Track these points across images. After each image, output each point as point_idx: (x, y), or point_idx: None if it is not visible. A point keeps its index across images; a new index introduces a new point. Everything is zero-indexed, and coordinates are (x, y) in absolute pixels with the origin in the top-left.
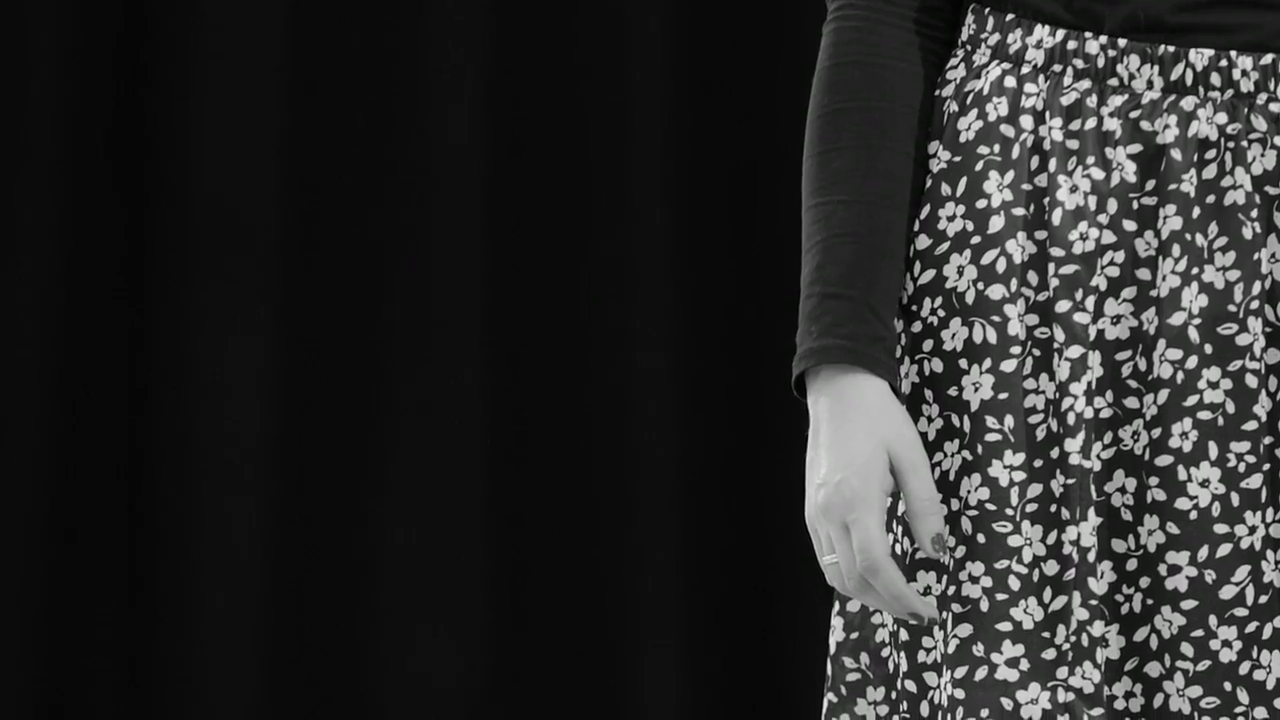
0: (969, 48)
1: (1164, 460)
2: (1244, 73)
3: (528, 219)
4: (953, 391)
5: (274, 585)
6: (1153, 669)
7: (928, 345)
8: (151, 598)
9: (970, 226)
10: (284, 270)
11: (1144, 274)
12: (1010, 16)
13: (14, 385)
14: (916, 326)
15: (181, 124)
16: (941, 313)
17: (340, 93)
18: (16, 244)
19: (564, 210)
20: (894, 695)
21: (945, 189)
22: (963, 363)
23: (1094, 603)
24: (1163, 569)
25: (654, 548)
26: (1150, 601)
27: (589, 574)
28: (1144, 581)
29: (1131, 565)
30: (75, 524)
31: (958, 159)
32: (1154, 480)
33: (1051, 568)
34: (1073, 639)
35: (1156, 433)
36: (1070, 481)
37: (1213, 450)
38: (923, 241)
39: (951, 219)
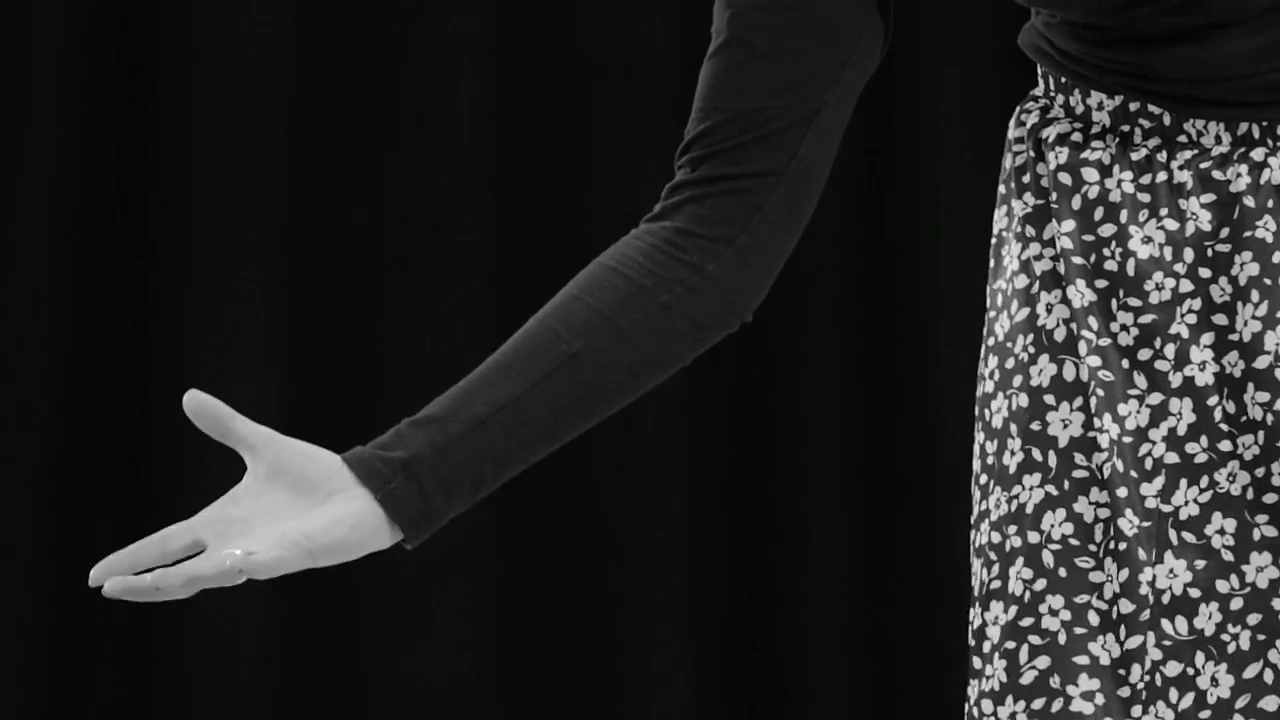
0: (1045, 102)
1: (1272, 498)
2: None
3: (529, 220)
4: (1035, 426)
5: (274, 585)
6: (1269, 703)
7: (1017, 381)
8: None
9: (1052, 267)
10: (285, 271)
11: (1220, 319)
12: (1065, 80)
13: (14, 385)
14: (1009, 363)
15: (183, 125)
16: (1032, 349)
17: (342, 94)
18: (17, 245)
19: (565, 211)
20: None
21: (1031, 231)
22: (1049, 398)
23: (1168, 644)
24: (1278, 603)
25: (655, 548)
26: (1262, 637)
27: (590, 573)
28: (1253, 619)
29: (1237, 604)
30: (75, 524)
31: (1040, 202)
32: (1262, 518)
33: (1126, 606)
34: (1146, 678)
35: (1260, 472)
36: (1146, 524)
37: None
38: (1021, 281)
39: (1039, 258)
